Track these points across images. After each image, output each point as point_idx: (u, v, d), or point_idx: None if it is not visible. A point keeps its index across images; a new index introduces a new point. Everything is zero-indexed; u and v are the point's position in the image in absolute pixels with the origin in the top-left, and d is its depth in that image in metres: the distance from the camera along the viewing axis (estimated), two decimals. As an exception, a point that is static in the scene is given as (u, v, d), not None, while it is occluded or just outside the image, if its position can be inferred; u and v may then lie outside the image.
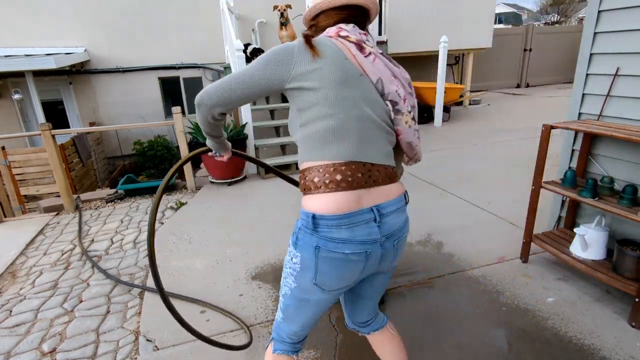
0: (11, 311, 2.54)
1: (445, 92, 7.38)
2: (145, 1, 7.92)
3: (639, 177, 2.28)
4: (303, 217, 1.16)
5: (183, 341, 2.13)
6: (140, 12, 7.95)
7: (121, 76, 8.20)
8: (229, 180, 4.82)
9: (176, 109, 4.37)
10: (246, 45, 5.81)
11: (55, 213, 4.29)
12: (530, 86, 12.30)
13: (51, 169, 4.28)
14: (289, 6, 5.87)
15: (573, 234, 2.53)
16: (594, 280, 2.44)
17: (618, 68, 2.34)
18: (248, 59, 5.30)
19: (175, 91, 8.71)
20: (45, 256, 3.29)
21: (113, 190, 4.85)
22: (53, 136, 4.08)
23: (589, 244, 2.33)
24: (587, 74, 2.53)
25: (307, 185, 1.16)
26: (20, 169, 6.10)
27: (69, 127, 8.06)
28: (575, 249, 2.40)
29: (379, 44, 7.21)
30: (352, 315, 1.47)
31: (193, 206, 4.18)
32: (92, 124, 8.05)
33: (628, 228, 2.36)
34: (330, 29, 1.22)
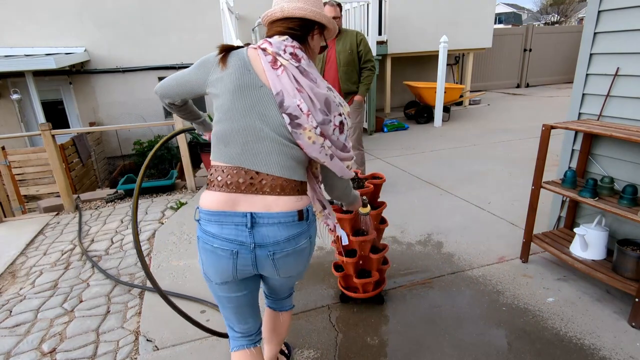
0: (11, 311, 2.54)
1: (445, 92, 7.38)
2: (145, 1, 7.91)
3: (639, 177, 2.28)
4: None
5: (183, 341, 2.13)
6: (140, 12, 7.94)
7: (121, 76, 8.19)
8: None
9: (176, 109, 4.37)
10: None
11: (55, 213, 4.29)
12: (530, 86, 12.30)
13: (51, 169, 4.28)
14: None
15: (573, 234, 2.53)
16: (594, 280, 2.44)
17: (618, 68, 2.34)
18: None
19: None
20: (45, 256, 3.29)
21: (113, 190, 4.86)
22: (53, 136, 4.08)
23: (589, 244, 2.33)
24: (587, 74, 2.53)
25: (208, 180, 1.28)
26: (20, 169, 6.09)
27: (68, 127, 8.06)
28: (575, 249, 2.40)
29: (378, 43, 7.20)
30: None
31: (193, 206, 4.18)
32: (92, 124, 8.05)
33: (628, 228, 2.36)
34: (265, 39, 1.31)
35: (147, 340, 2.17)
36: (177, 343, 2.13)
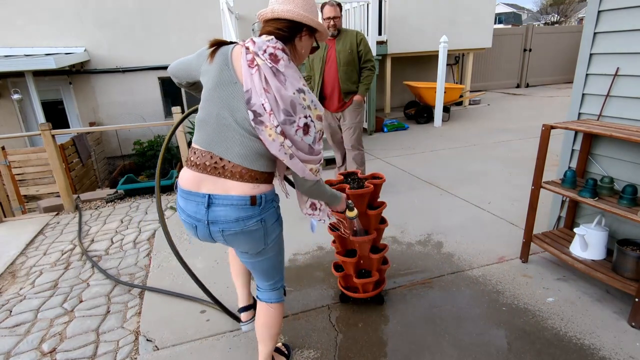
0: (11, 311, 2.54)
1: (445, 92, 7.38)
2: (145, 1, 7.91)
3: (638, 177, 2.28)
4: None
5: (183, 341, 2.14)
6: (140, 12, 7.94)
7: (121, 76, 8.19)
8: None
9: (176, 109, 4.36)
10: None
11: (55, 213, 4.29)
12: (530, 86, 12.30)
13: (51, 169, 4.28)
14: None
15: (573, 234, 2.53)
16: (594, 280, 2.44)
17: (618, 68, 2.34)
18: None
19: (175, 91, 8.69)
20: (45, 256, 3.29)
21: (113, 190, 4.85)
22: (53, 136, 4.08)
23: (588, 244, 2.33)
24: (586, 74, 2.53)
25: (187, 157, 1.45)
26: (20, 169, 6.09)
27: (68, 127, 8.06)
28: (575, 249, 2.40)
29: (378, 43, 7.21)
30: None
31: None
32: (92, 124, 8.05)
33: (628, 228, 2.36)
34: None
35: (147, 340, 2.17)
36: (177, 343, 2.13)
